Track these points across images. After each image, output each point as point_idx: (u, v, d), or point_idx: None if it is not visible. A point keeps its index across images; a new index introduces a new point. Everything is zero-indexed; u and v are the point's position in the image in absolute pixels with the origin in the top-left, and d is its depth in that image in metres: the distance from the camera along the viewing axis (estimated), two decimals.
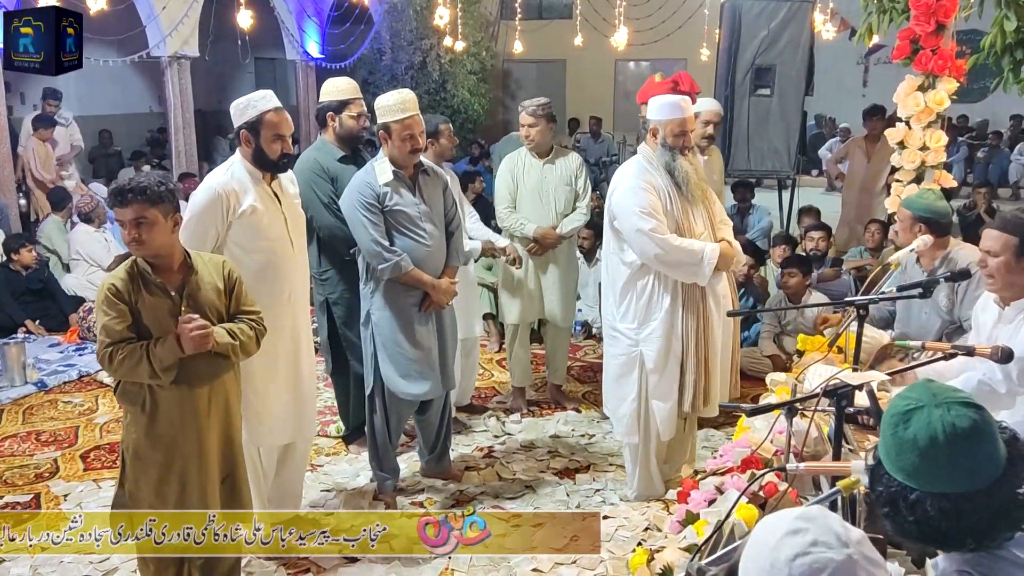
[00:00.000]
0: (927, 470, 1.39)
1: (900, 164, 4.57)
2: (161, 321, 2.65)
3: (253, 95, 3.32)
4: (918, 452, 1.39)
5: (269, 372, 3.35)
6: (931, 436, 1.38)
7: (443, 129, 4.37)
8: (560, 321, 4.84)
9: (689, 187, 3.58)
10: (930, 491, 1.38)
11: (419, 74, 12.54)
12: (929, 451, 1.38)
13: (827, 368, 3.31)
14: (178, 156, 9.67)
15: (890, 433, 1.43)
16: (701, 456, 4.24)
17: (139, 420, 2.71)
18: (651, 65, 15.54)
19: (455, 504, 3.93)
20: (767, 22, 6.22)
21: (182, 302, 2.68)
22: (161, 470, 2.73)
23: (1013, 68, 5.09)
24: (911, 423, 1.41)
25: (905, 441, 1.41)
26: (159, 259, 2.68)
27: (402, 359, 3.71)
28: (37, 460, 4.43)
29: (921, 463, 1.39)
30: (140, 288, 2.65)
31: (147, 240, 2.61)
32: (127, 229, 2.61)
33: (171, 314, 2.66)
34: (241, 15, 7.44)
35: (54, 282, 6.76)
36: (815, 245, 6.31)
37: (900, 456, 1.42)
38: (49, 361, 5.80)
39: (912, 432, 1.40)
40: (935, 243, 3.59)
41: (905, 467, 1.41)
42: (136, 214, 2.58)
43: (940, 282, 3.37)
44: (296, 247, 3.44)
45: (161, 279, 2.68)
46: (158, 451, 2.72)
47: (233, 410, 2.90)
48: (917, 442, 1.39)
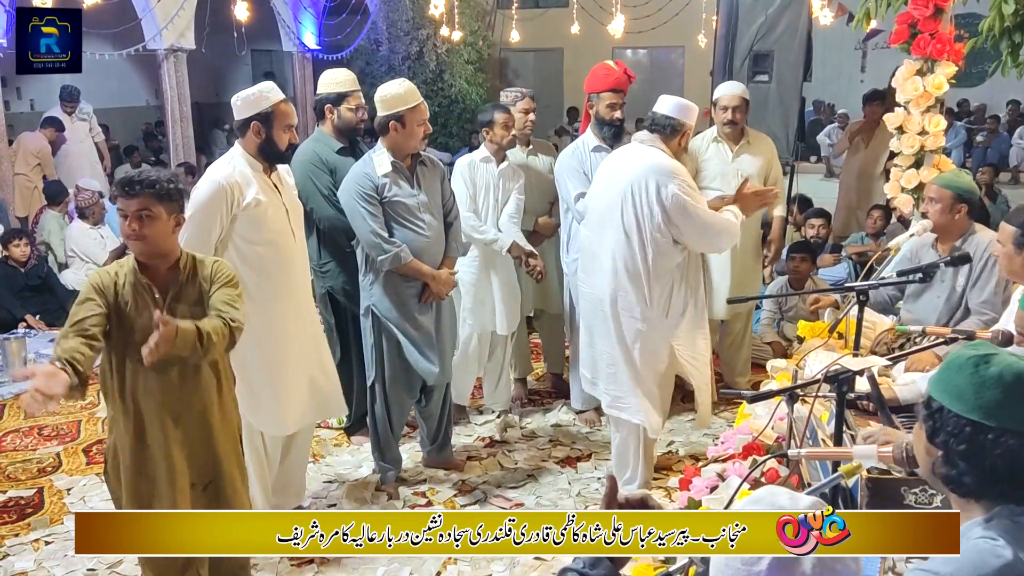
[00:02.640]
0: (1011, 406, 1.45)
1: (899, 149, 4.56)
2: (146, 320, 2.52)
3: (260, 86, 3.32)
4: (1003, 388, 1.45)
5: (274, 362, 3.36)
6: (1017, 374, 1.46)
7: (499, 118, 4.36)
8: (553, 308, 4.85)
9: None
10: (1009, 428, 1.44)
11: (416, 64, 12.50)
12: (1015, 387, 1.45)
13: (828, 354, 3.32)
14: (176, 149, 9.65)
15: (969, 372, 1.48)
16: (702, 443, 4.26)
17: (117, 420, 2.67)
18: (648, 53, 15.51)
19: (457, 494, 3.94)
20: (764, 8, 6.18)
21: (165, 304, 2.58)
22: (132, 472, 2.67)
23: (1012, 51, 5.06)
24: (992, 363, 1.48)
25: (988, 378, 1.46)
26: (154, 259, 2.61)
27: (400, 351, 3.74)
28: (40, 455, 4.44)
29: (1005, 399, 1.45)
30: (130, 282, 2.58)
31: (147, 235, 2.53)
32: (128, 221, 2.53)
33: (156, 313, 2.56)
34: (238, 7, 7.41)
35: (53, 277, 6.75)
36: (816, 232, 6.30)
37: (980, 393, 1.47)
38: (50, 356, 5.76)
39: (996, 370, 1.47)
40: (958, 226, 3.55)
41: (985, 404, 1.46)
42: (140, 206, 2.51)
43: (940, 267, 3.38)
44: (297, 238, 3.46)
45: (148, 280, 2.60)
46: (129, 452, 2.66)
47: (213, 417, 2.75)
48: (1003, 378, 1.46)
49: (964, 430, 1.47)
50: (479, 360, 4.62)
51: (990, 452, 1.45)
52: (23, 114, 10.75)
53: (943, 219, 3.50)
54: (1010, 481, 1.46)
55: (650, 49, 15.09)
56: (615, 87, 4.25)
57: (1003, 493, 1.48)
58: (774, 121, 6.34)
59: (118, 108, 12.41)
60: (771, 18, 6.22)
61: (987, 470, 1.46)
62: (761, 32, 6.26)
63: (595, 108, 4.29)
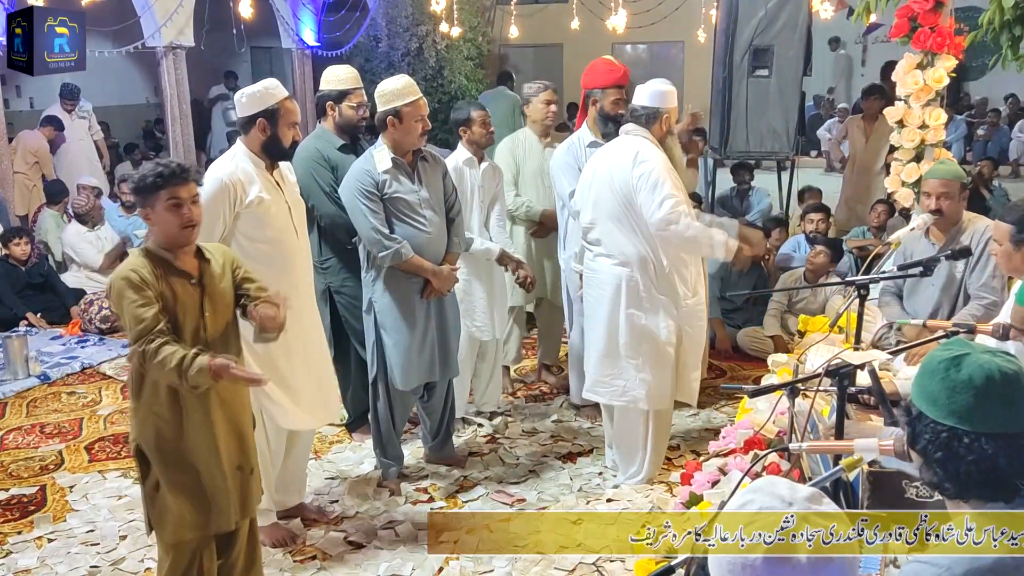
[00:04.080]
0: (983, 409, 1.43)
1: (899, 143, 4.56)
2: (189, 310, 2.58)
3: (265, 83, 3.32)
4: (974, 391, 1.43)
5: (287, 359, 3.36)
6: (987, 375, 1.43)
7: (476, 116, 4.31)
8: (556, 299, 4.87)
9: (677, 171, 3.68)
10: (983, 431, 1.42)
11: (416, 60, 12.47)
12: (985, 390, 1.43)
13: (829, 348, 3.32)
14: (175, 147, 9.62)
15: (940, 377, 1.47)
16: (703, 438, 4.26)
17: (161, 413, 2.62)
18: (648, 48, 15.48)
19: (459, 490, 3.95)
20: (764, 2, 6.20)
21: (203, 292, 2.63)
22: (178, 460, 2.65)
23: (1011, 44, 5.06)
24: (963, 366, 1.45)
25: (959, 382, 1.44)
26: (185, 246, 2.61)
27: (405, 347, 3.73)
28: (42, 452, 4.45)
29: (976, 402, 1.43)
30: (165, 275, 2.57)
31: (201, 220, 2.60)
32: (185, 208, 2.53)
33: (197, 302, 2.61)
34: (242, 4, 7.36)
35: (55, 275, 6.76)
36: (815, 227, 6.29)
37: (952, 398, 1.45)
38: (52, 354, 5.81)
39: (966, 373, 1.44)
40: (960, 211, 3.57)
41: (958, 409, 1.44)
42: (192, 193, 2.57)
43: (941, 260, 3.38)
44: (300, 235, 3.46)
45: (180, 265, 2.61)
46: (176, 441, 2.64)
47: (248, 400, 2.85)
48: (973, 381, 1.43)
49: (940, 436, 1.46)
50: (470, 366, 4.53)
51: (964, 459, 1.43)
52: (23, 112, 10.74)
53: (955, 208, 3.55)
54: (988, 484, 1.45)
55: (649, 44, 15.06)
56: (620, 83, 4.25)
57: (983, 496, 1.46)
58: (774, 115, 6.36)
59: (117, 106, 12.39)
60: (771, 13, 6.24)
61: (963, 475, 1.44)
62: (761, 27, 6.28)
63: (599, 104, 4.28)
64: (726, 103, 6.40)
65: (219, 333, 2.68)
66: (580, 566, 3.18)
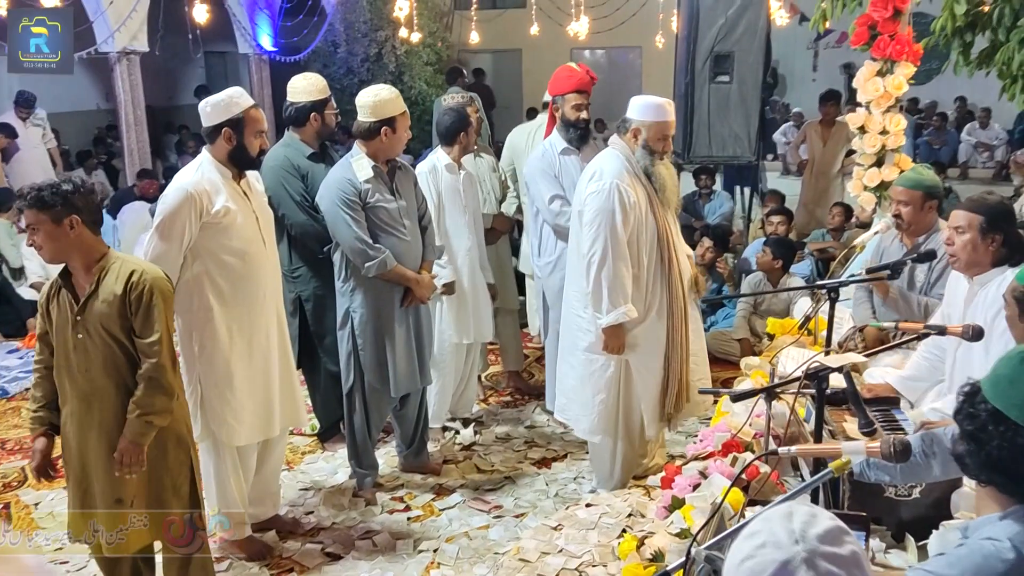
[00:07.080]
0: None
1: (861, 148, 4.66)
2: (63, 341, 2.69)
3: (230, 91, 3.28)
4: None
5: (246, 371, 3.31)
6: None
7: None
8: (510, 303, 4.92)
9: (665, 194, 3.59)
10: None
11: (375, 66, 12.42)
12: None
13: (800, 351, 3.39)
14: (131, 154, 9.45)
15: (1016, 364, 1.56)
16: (677, 441, 4.30)
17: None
18: (606, 53, 15.61)
19: (435, 498, 3.94)
20: (724, 9, 6.28)
21: (78, 319, 2.64)
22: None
23: (963, 51, 5.21)
24: None
25: None
26: (70, 265, 2.70)
27: (392, 356, 3.72)
28: (4, 469, 4.33)
29: None
30: (55, 296, 2.70)
31: (43, 246, 2.63)
32: (31, 234, 2.66)
33: (72, 329, 2.65)
34: (197, 9, 7.25)
35: (9, 287, 6.58)
36: (774, 229, 6.40)
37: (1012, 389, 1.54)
38: (9, 368, 5.66)
39: None
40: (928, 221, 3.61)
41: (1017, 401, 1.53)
42: (30, 220, 2.63)
43: (907, 263, 3.46)
44: (268, 245, 3.41)
45: (75, 285, 2.69)
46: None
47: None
48: None
49: (1017, 441, 1.52)
50: (455, 372, 4.49)
51: (1010, 439, 1.51)
52: None
53: (916, 217, 3.57)
54: None
55: (608, 49, 15.19)
56: (579, 88, 4.26)
57: (1018, 481, 1.52)
58: (736, 120, 6.45)
59: (68, 112, 12.11)
60: (731, 19, 6.32)
61: (1012, 451, 1.51)
62: (721, 33, 6.37)
63: (560, 110, 4.30)
64: (688, 109, 6.47)
65: (97, 362, 2.68)
66: (563, 572, 3.19)
